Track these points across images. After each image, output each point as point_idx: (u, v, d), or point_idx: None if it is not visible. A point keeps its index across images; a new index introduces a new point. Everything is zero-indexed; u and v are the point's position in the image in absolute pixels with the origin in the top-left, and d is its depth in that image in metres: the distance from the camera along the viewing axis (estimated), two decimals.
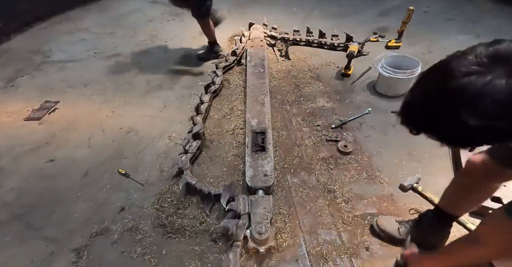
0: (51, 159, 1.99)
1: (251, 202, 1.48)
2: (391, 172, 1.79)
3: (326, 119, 2.20)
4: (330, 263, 1.37)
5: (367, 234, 1.48)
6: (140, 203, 1.69)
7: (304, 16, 3.54)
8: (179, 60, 3.00)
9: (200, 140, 1.93)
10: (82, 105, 2.43)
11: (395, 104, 2.33)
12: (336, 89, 2.51)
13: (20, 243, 1.52)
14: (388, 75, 2.24)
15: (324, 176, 1.79)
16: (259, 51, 2.76)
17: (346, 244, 1.44)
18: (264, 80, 2.40)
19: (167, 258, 1.42)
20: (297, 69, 2.78)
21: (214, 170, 1.86)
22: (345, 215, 1.57)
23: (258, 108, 2.11)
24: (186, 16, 3.87)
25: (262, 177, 1.62)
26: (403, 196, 1.67)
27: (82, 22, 3.72)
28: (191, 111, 2.20)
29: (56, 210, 1.68)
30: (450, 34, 3.20)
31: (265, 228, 1.36)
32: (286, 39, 3.06)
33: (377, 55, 2.58)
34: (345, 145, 1.93)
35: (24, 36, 3.49)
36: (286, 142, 2.03)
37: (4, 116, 2.38)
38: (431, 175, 1.76)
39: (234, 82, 2.62)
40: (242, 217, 1.44)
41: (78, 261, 1.43)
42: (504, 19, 3.40)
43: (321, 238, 1.48)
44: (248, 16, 3.62)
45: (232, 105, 2.37)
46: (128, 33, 3.41)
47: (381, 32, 3.18)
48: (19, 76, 2.83)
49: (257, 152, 1.76)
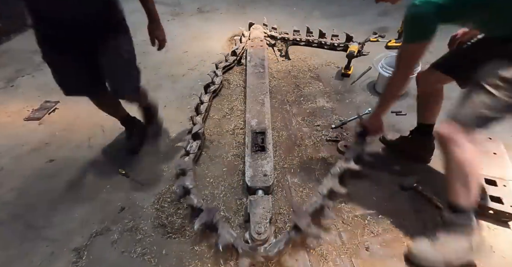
0: (51, 159, 1.99)
1: (251, 202, 1.48)
2: (391, 172, 1.79)
3: (326, 119, 2.20)
4: (330, 263, 1.37)
5: (367, 234, 1.48)
6: (140, 203, 1.69)
7: (304, 16, 3.54)
8: (179, 60, 3.00)
9: (200, 140, 1.93)
10: (82, 105, 2.43)
11: (395, 104, 2.33)
12: (336, 89, 2.51)
13: (20, 243, 1.52)
14: (388, 75, 2.24)
15: (324, 176, 1.78)
16: (259, 51, 2.76)
17: (346, 244, 1.44)
18: (264, 80, 2.40)
19: (167, 258, 1.42)
20: (297, 69, 2.78)
21: (214, 170, 1.86)
22: (345, 215, 1.57)
23: (258, 108, 2.11)
24: (186, 16, 3.88)
25: (262, 177, 1.62)
26: (403, 196, 1.66)
27: None
28: (191, 111, 2.20)
29: (56, 210, 1.68)
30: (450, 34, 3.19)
31: (264, 228, 1.35)
32: (286, 39, 3.06)
33: (377, 55, 2.58)
34: (345, 145, 1.93)
35: (24, 36, 3.49)
36: (286, 142, 2.03)
37: (4, 116, 2.38)
38: (431, 175, 1.76)
39: (234, 82, 2.62)
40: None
41: (78, 261, 1.43)
42: None
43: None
44: (248, 16, 3.62)
45: (232, 105, 2.37)
46: None
47: (381, 32, 3.19)
48: (19, 76, 2.83)
49: (257, 152, 1.76)
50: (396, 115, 2.21)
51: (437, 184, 1.71)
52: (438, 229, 1.27)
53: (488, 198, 1.49)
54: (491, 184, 1.57)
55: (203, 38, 3.36)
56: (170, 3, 4.18)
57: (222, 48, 3.15)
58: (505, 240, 1.44)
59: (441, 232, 1.25)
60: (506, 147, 1.79)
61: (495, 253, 1.39)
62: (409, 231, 1.48)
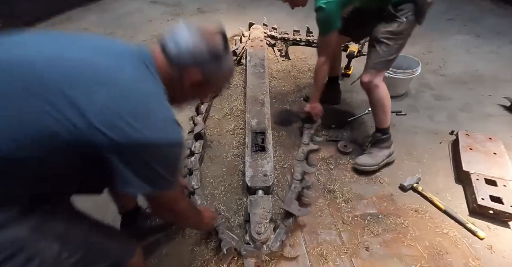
0: None
1: (251, 202, 1.48)
2: (391, 172, 1.80)
3: (326, 119, 2.19)
4: (330, 263, 1.37)
5: (367, 234, 1.48)
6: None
7: (304, 16, 3.53)
8: None
9: (202, 140, 1.93)
10: None
11: (395, 104, 2.32)
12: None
13: None
14: (388, 75, 2.23)
15: (324, 176, 1.79)
16: (259, 51, 2.76)
17: (346, 244, 1.44)
18: (264, 80, 2.40)
19: (167, 258, 1.42)
20: (297, 69, 2.78)
21: (214, 170, 1.86)
22: (345, 215, 1.57)
23: (258, 108, 2.10)
24: (186, 16, 3.88)
25: (262, 177, 1.61)
26: (403, 196, 1.67)
27: (82, 22, 3.71)
28: (191, 112, 2.20)
29: None
30: (450, 34, 3.20)
31: (264, 228, 1.36)
32: (286, 39, 3.06)
33: None
34: (345, 145, 1.93)
35: None
36: (286, 142, 2.03)
37: None
38: (431, 175, 1.77)
39: (234, 82, 2.62)
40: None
41: None
42: (504, 19, 3.40)
43: (321, 238, 1.48)
44: (248, 16, 3.62)
45: (232, 105, 2.36)
46: (128, 33, 3.40)
47: None
48: None
49: (257, 152, 1.76)
50: (396, 115, 2.21)
51: (437, 184, 1.72)
52: (371, 146, 1.82)
53: None
54: (491, 184, 1.57)
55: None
56: (170, 3, 4.18)
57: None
58: (505, 240, 1.44)
59: (373, 148, 1.79)
60: (506, 147, 1.79)
61: (495, 253, 1.39)
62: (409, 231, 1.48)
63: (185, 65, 0.79)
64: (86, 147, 0.65)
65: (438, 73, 2.67)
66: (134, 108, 0.68)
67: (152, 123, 0.70)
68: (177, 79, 0.81)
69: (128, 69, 0.73)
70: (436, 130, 2.08)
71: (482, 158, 1.72)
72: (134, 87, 0.71)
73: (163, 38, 0.80)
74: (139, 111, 0.69)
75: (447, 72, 2.67)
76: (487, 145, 1.79)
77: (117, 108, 0.66)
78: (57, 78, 0.65)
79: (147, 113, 0.70)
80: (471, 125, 2.08)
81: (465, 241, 1.44)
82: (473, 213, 1.55)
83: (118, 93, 0.68)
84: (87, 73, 0.68)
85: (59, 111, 0.63)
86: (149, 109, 0.71)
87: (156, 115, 0.72)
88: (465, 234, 1.47)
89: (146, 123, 0.69)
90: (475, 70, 2.67)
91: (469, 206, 1.59)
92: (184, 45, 0.77)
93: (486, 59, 2.80)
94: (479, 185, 1.57)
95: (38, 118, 0.62)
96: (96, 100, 0.65)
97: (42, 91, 0.63)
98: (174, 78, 0.80)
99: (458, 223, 1.51)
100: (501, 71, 2.63)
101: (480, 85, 2.49)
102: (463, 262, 1.36)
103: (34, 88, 0.63)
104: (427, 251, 1.40)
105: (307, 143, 1.87)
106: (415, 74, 2.22)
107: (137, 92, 0.71)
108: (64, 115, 0.63)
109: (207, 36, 0.79)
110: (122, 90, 0.69)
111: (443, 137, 2.02)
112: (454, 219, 1.53)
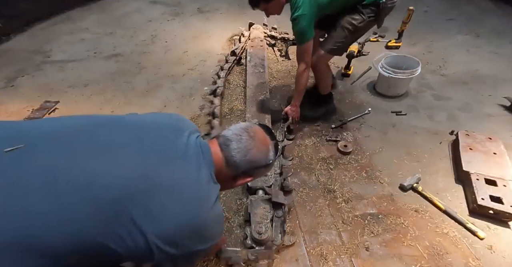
0: None
1: (251, 202, 1.48)
2: (391, 172, 1.80)
3: (326, 119, 2.20)
4: (330, 263, 1.37)
5: (367, 234, 1.48)
6: None
7: None
8: (179, 60, 3.00)
9: None
10: (82, 105, 2.43)
11: (395, 104, 2.33)
12: (336, 89, 2.51)
13: None
14: (388, 75, 2.24)
15: (324, 176, 1.79)
16: (259, 51, 2.76)
17: (346, 244, 1.44)
18: (264, 80, 2.40)
19: None
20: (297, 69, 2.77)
21: None
22: (345, 215, 1.57)
23: (258, 108, 2.10)
24: (186, 16, 3.88)
25: (262, 177, 1.61)
26: (403, 196, 1.67)
27: (82, 22, 3.72)
28: (191, 112, 2.20)
29: None
30: (450, 34, 3.20)
31: (265, 228, 1.36)
32: (286, 39, 3.05)
33: (377, 55, 2.58)
34: (345, 145, 1.93)
35: (24, 36, 3.49)
36: None
37: (4, 116, 2.37)
38: (431, 175, 1.77)
39: (234, 82, 2.62)
40: None
41: None
42: (504, 19, 3.40)
43: (321, 238, 1.48)
44: (248, 16, 3.62)
45: (232, 105, 2.36)
46: (128, 33, 3.40)
47: (381, 32, 3.19)
48: (19, 76, 2.83)
49: None
50: (396, 115, 2.21)
51: (437, 184, 1.72)
52: (316, 106, 2.17)
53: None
54: (491, 184, 1.58)
55: (203, 38, 3.35)
56: (170, 3, 4.18)
57: (222, 48, 3.15)
58: (505, 240, 1.44)
59: (318, 105, 2.16)
60: (506, 147, 1.79)
61: (495, 253, 1.39)
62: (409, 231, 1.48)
63: (242, 170, 0.89)
64: (134, 257, 0.72)
65: (438, 73, 2.67)
66: (198, 229, 0.77)
67: (207, 237, 0.81)
68: (230, 178, 0.91)
69: (194, 178, 0.79)
70: (436, 130, 2.08)
71: (482, 158, 1.72)
72: (200, 204, 0.78)
73: (224, 139, 0.89)
74: (200, 229, 0.78)
75: (447, 72, 2.67)
76: (487, 145, 1.80)
77: (182, 229, 0.73)
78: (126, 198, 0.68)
79: (206, 230, 0.80)
80: (471, 125, 2.08)
81: (465, 241, 1.44)
82: (473, 213, 1.55)
83: (185, 211, 0.74)
84: (156, 193, 0.71)
85: (126, 234, 0.66)
86: (207, 226, 0.80)
87: (211, 231, 0.83)
88: (465, 234, 1.47)
89: (202, 237, 0.79)
90: (475, 70, 2.67)
91: (469, 206, 1.59)
92: (243, 153, 0.87)
93: (486, 59, 2.80)
94: (479, 185, 1.57)
95: (103, 235, 0.65)
96: (161, 220, 0.70)
97: (112, 212, 0.66)
98: (228, 176, 0.90)
99: (458, 223, 1.51)
100: (501, 71, 2.63)
101: (480, 85, 2.49)
102: (463, 262, 1.37)
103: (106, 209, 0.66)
104: (427, 251, 1.41)
105: (282, 140, 1.98)
106: (415, 74, 2.22)
107: (203, 210, 0.78)
108: (130, 236, 0.67)
109: (266, 148, 0.91)
110: (189, 207, 0.75)
111: (443, 137, 2.02)
112: (454, 219, 1.53)
